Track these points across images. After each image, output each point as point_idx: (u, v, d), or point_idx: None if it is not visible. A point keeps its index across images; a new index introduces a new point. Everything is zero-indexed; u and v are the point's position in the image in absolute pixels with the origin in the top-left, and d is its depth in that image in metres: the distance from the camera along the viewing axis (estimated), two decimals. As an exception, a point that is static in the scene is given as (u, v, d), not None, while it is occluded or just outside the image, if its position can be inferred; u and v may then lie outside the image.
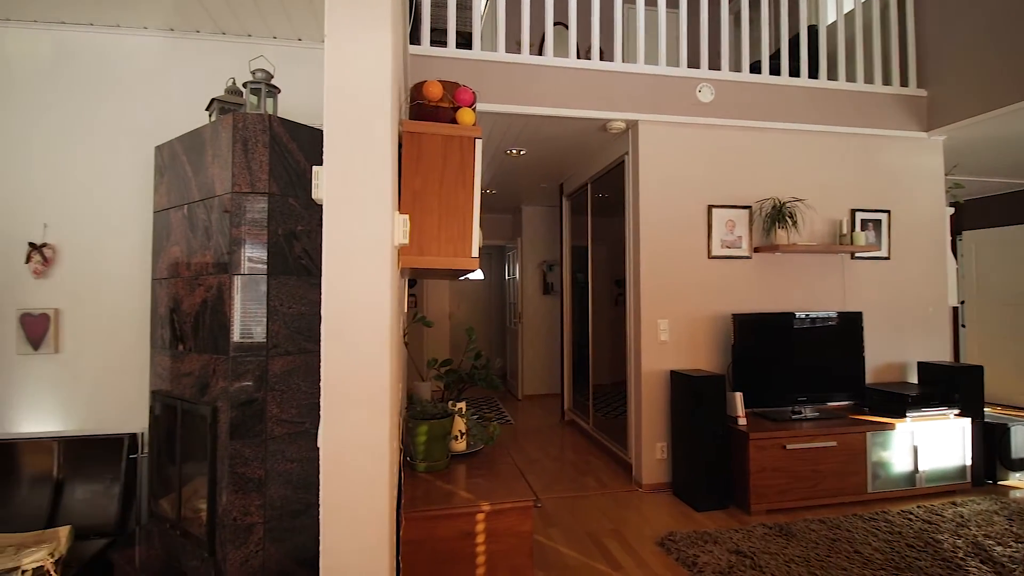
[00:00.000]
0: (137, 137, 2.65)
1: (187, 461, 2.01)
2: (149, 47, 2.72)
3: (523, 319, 6.39)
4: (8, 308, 2.55)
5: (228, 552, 1.80)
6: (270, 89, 2.05)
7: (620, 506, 3.37)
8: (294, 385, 1.92)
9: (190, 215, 2.04)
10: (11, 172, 2.58)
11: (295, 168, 1.95)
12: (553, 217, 6.39)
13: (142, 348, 2.58)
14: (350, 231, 1.19)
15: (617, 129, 3.71)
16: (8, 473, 2.47)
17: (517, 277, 6.52)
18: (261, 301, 1.85)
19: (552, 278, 6.44)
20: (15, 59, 2.63)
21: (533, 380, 6.41)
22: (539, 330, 6.44)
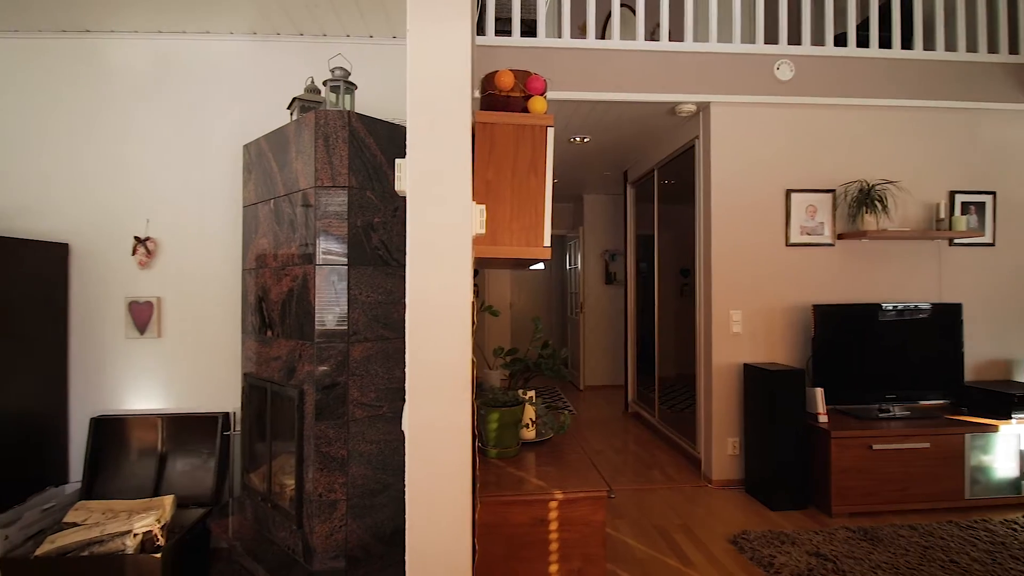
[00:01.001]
0: (226, 136, 2.83)
1: (276, 439, 2.15)
2: (234, 51, 2.88)
3: (585, 309, 6.34)
4: (118, 296, 2.81)
5: (315, 525, 1.91)
6: (348, 86, 2.13)
7: (689, 501, 3.30)
8: (372, 370, 2.01)
9: (276, 209, 2.16)
10: (118, 172, 2.83)
11: (372, 162, 2.02)
12: (616, 205, 6.27)
13: (233, 333, 2.78)
14: (432, 222, 1.22)
15: (687, 112, 3.58)
16: (120, 446, 2.74)
17: (579, 267, 6.47)
18: (342, 290, 1.94)
19: (615, 268, 6.34)
20: (119, 68, 2.87)
21: (595, 371, 6.37)
22: (601, 320, 6.37)
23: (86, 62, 2.84)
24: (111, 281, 2.81)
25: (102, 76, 2.85)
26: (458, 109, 1.22)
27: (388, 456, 2.05)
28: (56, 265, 2.72)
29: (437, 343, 1.21)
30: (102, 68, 2.85)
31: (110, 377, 2.80)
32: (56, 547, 2.23)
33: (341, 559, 1.94)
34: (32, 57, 2.83)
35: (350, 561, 1.95)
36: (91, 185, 2.82)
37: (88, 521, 2.41)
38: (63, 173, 2.82)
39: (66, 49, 2.85)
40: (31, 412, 2.55)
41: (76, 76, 2.84)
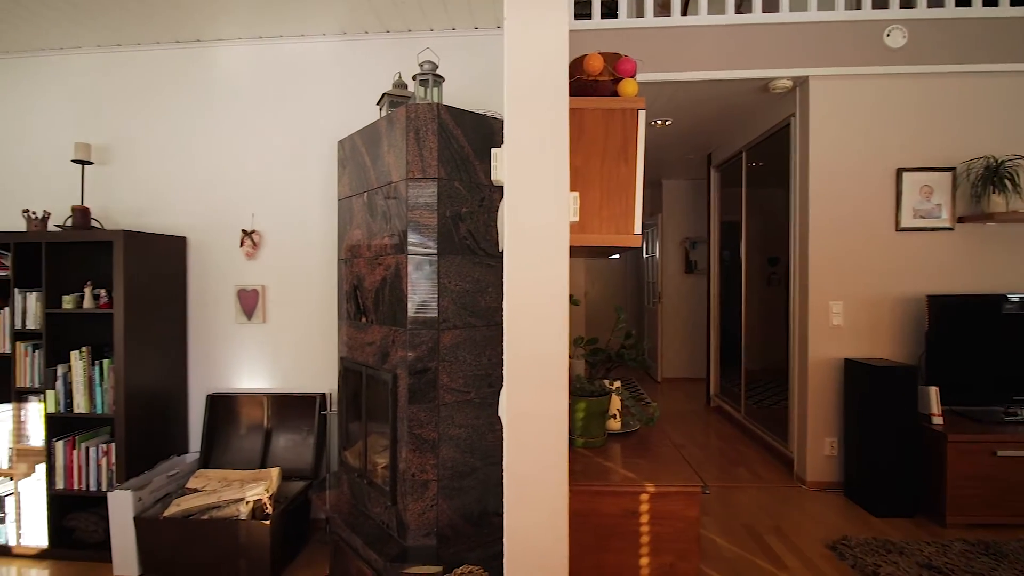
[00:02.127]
0: (321, 133, 2.99)
1: (370, 420, 2.26)
2: (327, 52, 3.02)
3: (663, 299, 6.15)
4: (229, 285, 3.06)
5: (408, 503, 2.00)
6: (436, 79, 2.17)
7: (780, 502, 3.13)
8: (461, 357, 2.06)
9: (369, 201, 2.25)
10: (227, 171, 3.07)
11: (459, 153, 2.06)
12: (697, 191, 6.01)
13: (329, 319, 2.95)
14: (530, 211, 1.22)
15: (782, 88, 3.35)
16: (232, 421, 3.00)
17: (657, 255, 6.28)
18: (432, 279, 2.00)
19: (695, 256, 6.09)
20: (225, 73, 3.10)
21: (673, 363, 6.18)
22: (680, 311, 6.16)
23: (198, 69, 3.10)
24: (222, 270, 3.06)
25: (211, 81, 3.09)
26: (556, 97, 1.21)
27: (475, 441, 2.10)
28: (177, 256, 3.01)
29: (535, 332, 1.21)
30: (211, 74, 3.10)
31: (222, 358, 3.07)
32: (181, 510, 2.49)
33: (432, 537, 2.02)
34: (153, 68, 3.12)
35: (440, 539, 2.02)
36: (204, 183, 3.08)
37: (207, 488, 2.66)
38: (181, 173, 3.10)
39: (181, 58, 3.12)
40: (159, 389, 2.85)
41: (190, 83, 3.10)
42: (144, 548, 2.49)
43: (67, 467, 2.67)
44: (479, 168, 2.11)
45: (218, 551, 2.44)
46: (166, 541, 2.46)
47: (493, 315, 2.15)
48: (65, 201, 3.15)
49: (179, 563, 2.47)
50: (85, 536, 2.72)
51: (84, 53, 3.17)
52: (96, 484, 2.67)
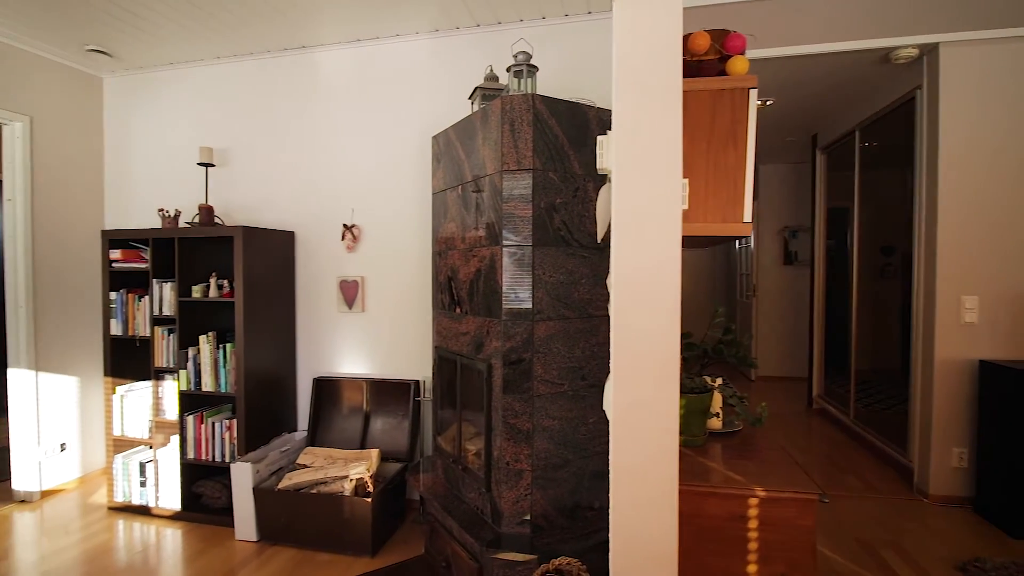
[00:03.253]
0: (415, 129, 3.09)
1: (464, 407, 2.32)
2: (420, 49, 3.11)
3: (758, 292, 5.80)
4: (332, 276, 3.26)
5: (503, 491, 2.03)
6: (530, 69, 2.16)
7: (897, 515, 2.86)
8: (555, 349, 2.05)
9: (463, 194, 2.29)
10: (329, 168, 3.26)
11: (554, 143, 2.04)
12: (799, 175, 5.58)
13: (423, 309, 3.06)
14: (640, 199, 1.18)
15: (906, 58, 3.01)
16: (335, 403, 3.20)
17: (751, 245, 5.92)
18: (527, 270, 2.00)
19: (795, 246, 5.67)
20: (326, 76, 3.28)
21: (769, 360, 5.82)
22: (778, 304, 5.77)
23: (302, 74, 3.30)
24: (325, 263, 3.27)
25: (314, 85, 3.29)
26: (669, 80, 1.15)
27: (569, 433, 2.09)
28: (286, 250, 3.25)
29: (645, 324, 1.17)
30: (314, 78, 3.29)
31: (326, 344, 3.28)
32: (293, 483, 2.70)
33: (526, 525, 2.04)
34: (263, 75, 3.37)
35: (534, 528, 2.04)
36: (309, 180, 3.29)
37: (314, 464, 2.86)
38: (288, 172, 3.34)
39: (287, 65, 3.34)
40: (272, 371, 3.10)
41: (296, 87, 3.31)
42: (261, 516, 2.73)
43: (196, 439, 2.98)
44: (573, 158, 2.08)
45: (324, 523, 2.62)
46: (280, 511, 2.68)
47: (586, 307, 2.12)
48: (192, 200, 3.49)
49: (291, 531, 2.68)
50: (211, 502, 3.02)
51: (206, 65, 3.48)
52: (220, 455, 2.96)
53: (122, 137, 3.68)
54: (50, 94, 3.37)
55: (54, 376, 3.35)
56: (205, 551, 2.69)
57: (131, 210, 3.66)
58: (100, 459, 3.64)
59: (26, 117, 3.22)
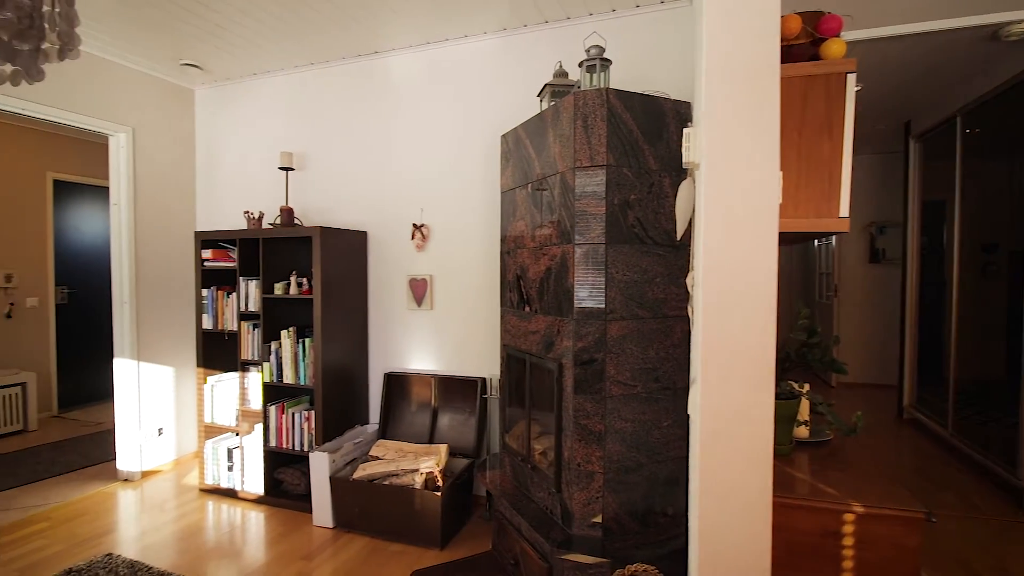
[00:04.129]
0: (482, 129, 3.12)
1: (534, 406, 2.31)
2: (488, 49, 3.13)
3: (840, 293, 5.43)
4: (401, 274, 3.34)
5: (573, 492, 2.01)
6: (603, 63, 2.12)
7: (1004, 538, 2.59)
8: (628, 350, 2.00)
9: (533, 192, 2.28)
10: (399, 169, 3.34)
11: (628, 138, 1.98)
12: (887, 166, 5.18)
13: (490, 307, 3.08)
14: (732, 192, 1.12)
15: (1018, 34, 2.71)
16: (405, 398, 3.28)
17: (833, 242, 5.55)
18: (600, 269, 1.96)
19: (883, 243, 5.27)
20: (396, 79, 3.36)
21: (852, 366, 5.43)
22: (862, 306, 5.38)
23: (374, 78, 3.41)
24: (396, 261, 3.36)
25: (385, 88, 3.38)
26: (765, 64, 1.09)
27: (642, 436, 2.04)
28: (359, 249, 3.36)
29: (737, 324, 1.11)
30: (385, 82, 3.38)
31: (396, 341, 3.37)
32: (366, 474, 2.79)
33: (597, 528, 2.00)
34: (337, 80, 3.51)
35: (605, 532, 2.00)
36: (380, 181, 3.40)
37: (386, 456, 2.95)
38: (361, 173, 3.45)
39: (360, 70, 3.45)
40: (346, 365, 3.22)
41: (368, 91, 3.42)
42: (337, 504, 2.85)
43: (278, 428, 3.15)
44: (648, 153, 2.02)
45: (396, 514, 2.69)
46: (354, 500, 2.78)
47: (661, 307, 2.05)
48: (274, 202, 3.69)
49: (364, 520, 2.78)
50: (291, 488, 3.18)
51: (286, 74, 3.67)
52: (299, 445, 3.11)
53: (211, 144, 3.95)
54: (149, 107, 3.66)
55: (153, 366, 3.64)
56: (286, 535, 2.83)
57: (219, 212, 3.92)
58: (192, 444, 3.93)
59: (129, 128, 3.52)
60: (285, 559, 2.60)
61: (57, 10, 1.57)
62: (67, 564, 2.52)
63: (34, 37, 1.53)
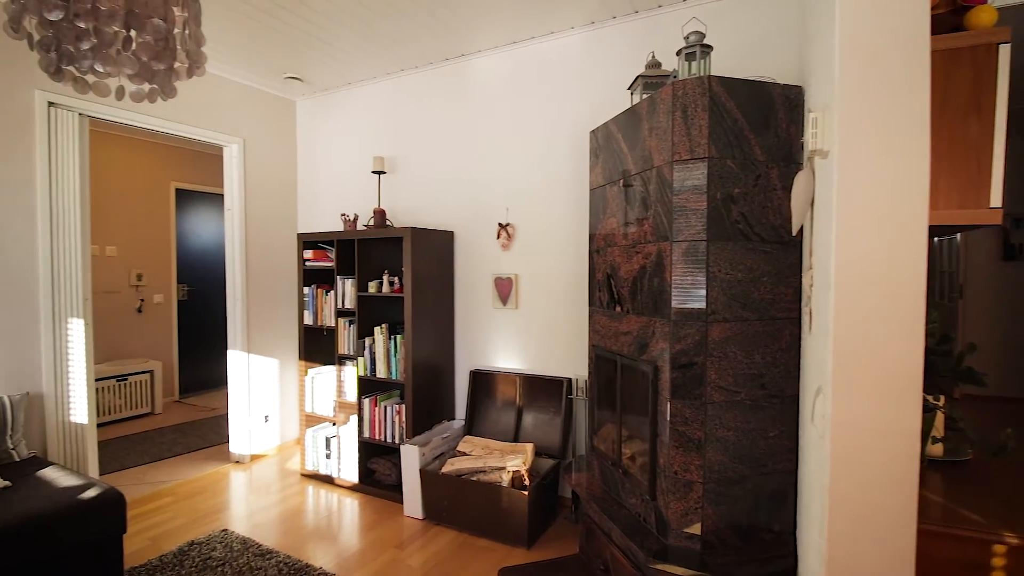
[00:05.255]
0: (568, 126, 3.08)
1: (625, 410, 2.24)
2: (574, 44, 3.08)
3: (966, 294, 4.83)
4: (487, 274, 3.38)
5: (670, 502, 1.92)
6: (704, 50, 2.01)
7: None
8: (730, 353, 1.88)
9: (626, 189, 2.21)
10: (485, 169, 3.38)
11: (732, 127, 1.87)
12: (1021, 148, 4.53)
13: (576, 307, 3.04)
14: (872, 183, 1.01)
15: None
16: (490, 395, 3.32)
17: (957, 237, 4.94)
18: (700, 267, 1.86)
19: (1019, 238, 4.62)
20: (482, 80, 3.40)
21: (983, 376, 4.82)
22: (991, 309, 4.76)
23: (459, 81, 3.47)
24: (481, 260, 3.40)
25: (471, 90, 3.43)
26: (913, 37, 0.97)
27: (745, 446, 1.91)
28: (446, 249, 3.44)
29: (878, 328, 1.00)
30: (471, 83, 3.43)
31: (481, 339, 3.42)
32: (455, 469, 2.84)
33: (696, 541, 1.90)
34: (425, 85, 3.60)
35: (705, 545, 1.90)
36: (466, 182, 3.45)
37: (473, 452, 2.99)
38: (447, 174, 3.53)
39: (446, 73, 3.53)
40: (434, 362, 3.31)
41: (453, 93, 3.49)
42: (426, 496, 2.93)
43: (371, 420, 3.29)
44: (754, 143, 1.89)
45: (483, 510, 2.72)
46: (443, 493, 2.85)
47: (768, 308, 1.91)
48: (367, 204, 3.86)
49: (452, 514, 2.83)
50: (382, 478, 3.32)
51: (377, 81, 3.82)
52: (391, 437, 3.23)
53: (310, 151, 4.21)
54: (257, 119, 3.96)
55: (260, 358, 3.94)
56: (379, 523, 2.95)
57: (318, 215, 4.16)
58: (293, 431, 4.21)
59: (240, 139, 3.82)
60: (379, 546, 2.71)
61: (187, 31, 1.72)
62: (190, 536, 2.78)
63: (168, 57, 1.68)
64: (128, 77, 1.58)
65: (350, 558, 2.60)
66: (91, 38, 1.47)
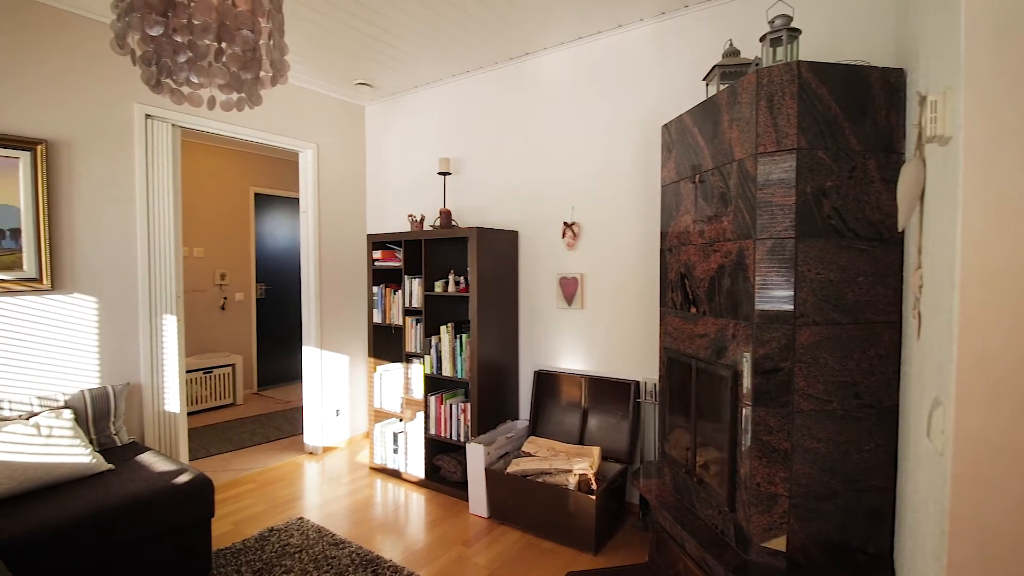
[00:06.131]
0: (636, 122, 2.98)
1: (701, 416, 2.14)
2: (643, 37, 2.98)
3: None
4: (552, 273, 3.34)
5: (751, 515, 1.81)
6: (791, 34, 1.88)
7: None
8: (821, 359, 1.75)
9: (703, 184, 2.11)
10: (550, 167, 3.34)
11: (824, 116, 1.73)
12: None
13: (644, 307, 2.95)
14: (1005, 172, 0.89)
15: None
16: (554, 396, 3.28)
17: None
18: (787, 267, 1.74)
19: None
20: (547, 78, 3.36)
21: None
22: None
23: (524, 80, 3.45)
24: (545, 260, 3.37)
25: (535, 88, 3.40)
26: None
27: (837, 459, 1.77)
28: (510, 248, 3.43)
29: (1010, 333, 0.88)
30: (535, 82, 3.40)
31: (545, 339, 3.38)
32: (520, 469, 2.83)
33: (780, 558, 1.78)
34: (489, 85, 3.61)
35: (791, 563, 1.77)
36: (531, 181, 3.43)
37: (538, 454, 2.96)
38: (511, 174, 3.52)
39: (511, 73, 3.51)
40: (498, 361, 3.31)
41: (518, 93, 3.47)
42: (492, 495, 2.93)
43: (437, 417, 3.34)
44: (849, 132, 1.74)
45: (549, 513, 2.69)
46: (508, 493, 2.84)
47: (864, 310, 1.76)
48: (432, 205, 3.93)
49: (517, 514, 2.82)
50: (448, 474, 3.36)
51: (443, 84, 3.87)
52: (456, 435, 3.26)
53: (378, 155, 4.33)
54: (328, 124, 4.11)
55: (332, 354, 4.10)
56: (444, 519, 2.99)
57: (385, 216, 4.28)
58: (362, 426, 4.36)
59: (314, 145, 3.99)
60: (445, 542, 2.74)
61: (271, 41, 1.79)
62: (269, 523, 2.92)
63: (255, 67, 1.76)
64: (219, 87, 1.66)
65: (418, 552, 2.64)
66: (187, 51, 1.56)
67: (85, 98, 2.82)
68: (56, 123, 2.72)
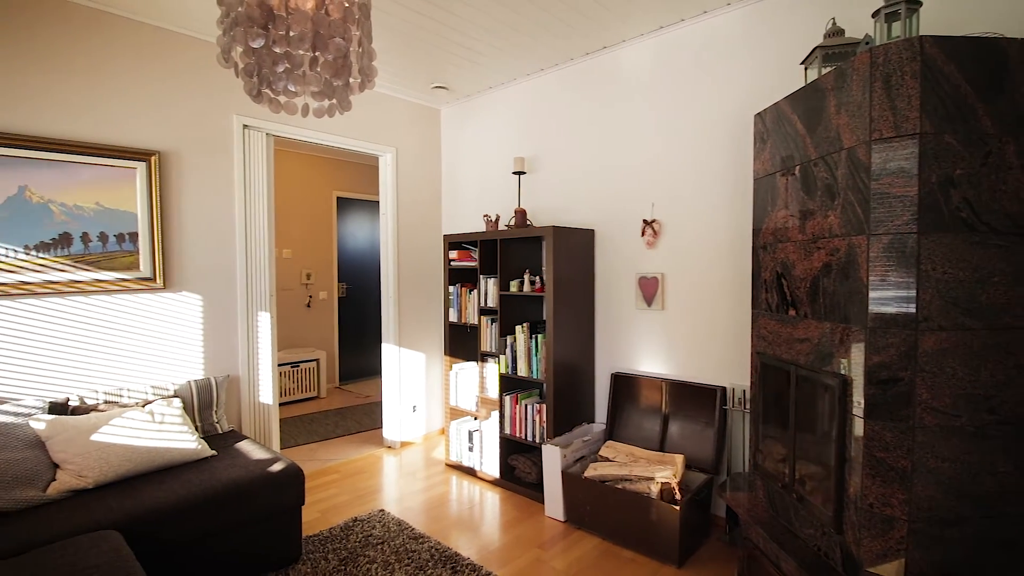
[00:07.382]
0: (722, 112, 2.82)
1: (800, 428, 1.98)
2: (731, 21, 2.81)
3: None
4: (630, 273, 3.24)
5: (862, 538, 1.65)
6: (910, 7, 1.69)
7: None
8: (948, 369, 1.56)
9: (804, 176, 1.95)
10: (628, 164, 3.24)
11: (953, 95, 1.54)
12: None
13: (731, 309, 2.78)
14: None
15: None
16: (632, 400, 3.17)
17: None
18: (908, 265, 1.57)
19: None
20: (625, 72, 3.26)
21: None
22: None
23: (601, 75, 3.36)
24: (624, 259, 3.27)
25: (613, 83, 3.31)
26: None
27: (965, 481, 1.57)
28: (586, 247, 3.36)
29: None
30: (613, 76, 3.31)
31: (623, 340, 3.28)
32: (598, 474, 2.75)
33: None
34: (565, 82, 3.55)
35: (910, 596, 1.59)
36: (608, 178, 3.34)
37: (616, 459, 2.88)
38: (588, 171, 3.44)
39: (587, 69, 3.44)
40: (574, 362, 3.25)
41: (594, 88, 3.39)
42: (568, 499, 2.88)
43: (512, 417, 3.33)
44: (982, 112, 1.54)
45: (629, 521, 2.60)
46: (585, 498, 2.78)
47: (1000, 315, 1.55)
48: (507, 205, 3.93)
49: (594, 519, 2.75)
50: (523, 475, 3.34)
51: (517, 83, 3.86)
52: (531, 435, 3.24)
53: (453, 156, 4.40)
54: (406, 128, 4.22)
55: (409, 352, 4.21)
56: (520, 520, 2.97)
57: (461, 217, 4.34)
58: (438, 423, 4.44)
59: (393, 148, 4.11)
60: (522, 544, 2.72)
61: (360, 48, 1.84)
62: (353, 513, 3.04)
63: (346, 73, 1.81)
64: (312, 95, 1.73)
65: (494, 552, 2.64)
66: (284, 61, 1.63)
67: (190, 111, 3.06)
68: (166, 135, 2.97)
